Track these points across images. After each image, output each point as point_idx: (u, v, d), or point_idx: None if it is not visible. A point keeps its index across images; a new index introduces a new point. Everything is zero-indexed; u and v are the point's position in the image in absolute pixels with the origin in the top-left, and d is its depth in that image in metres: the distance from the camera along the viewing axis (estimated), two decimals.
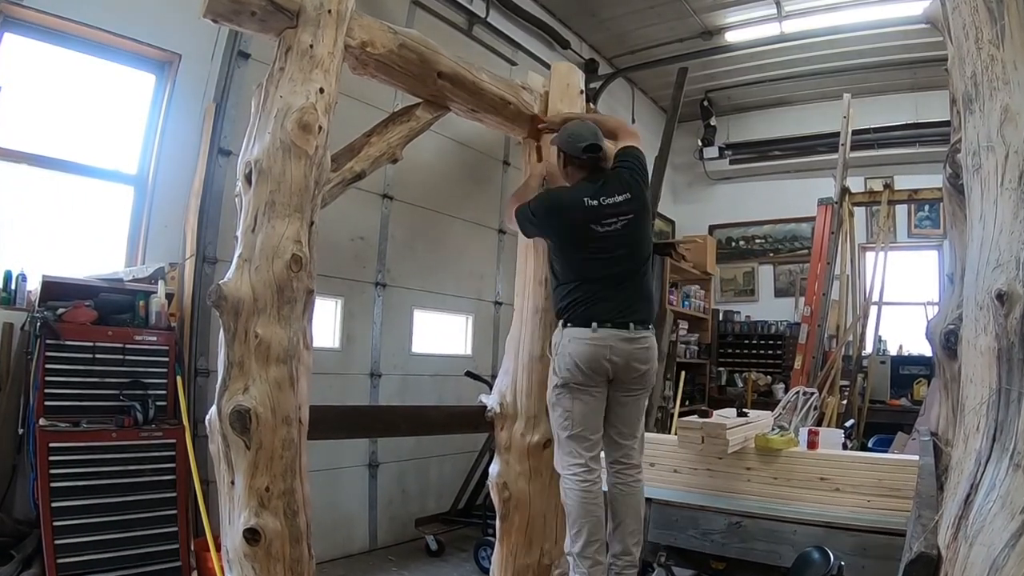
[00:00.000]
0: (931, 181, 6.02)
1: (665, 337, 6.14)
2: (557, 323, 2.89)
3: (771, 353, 8.17)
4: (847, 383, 6.27)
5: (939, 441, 1.93)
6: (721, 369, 8.33)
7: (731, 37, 7.01)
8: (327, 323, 4.73)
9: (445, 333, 5.78)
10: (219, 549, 2.55)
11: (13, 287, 3.36)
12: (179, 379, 3.51)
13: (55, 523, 3.02)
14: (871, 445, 5.55)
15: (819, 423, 4.60)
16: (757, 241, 8.91)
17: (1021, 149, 1.26)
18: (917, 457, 2.41)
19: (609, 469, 2.91)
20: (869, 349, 6.74)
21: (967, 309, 1.38)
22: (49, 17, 3.52)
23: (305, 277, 2.24)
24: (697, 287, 8.06)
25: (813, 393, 3.98)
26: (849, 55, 7.20)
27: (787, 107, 8.57)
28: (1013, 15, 1.34)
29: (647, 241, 3.01)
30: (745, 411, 3.72)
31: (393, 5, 5.10)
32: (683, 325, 7.57)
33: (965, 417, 1.34)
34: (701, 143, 8.73)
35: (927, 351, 6.11)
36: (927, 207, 7.63)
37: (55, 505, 3.04)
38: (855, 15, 6.39)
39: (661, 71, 7.48)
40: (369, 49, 2.57)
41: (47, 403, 3.14)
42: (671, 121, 6.85)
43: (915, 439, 4.41)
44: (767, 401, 7.02)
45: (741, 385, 8.01)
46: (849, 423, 5.20)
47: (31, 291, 3.38)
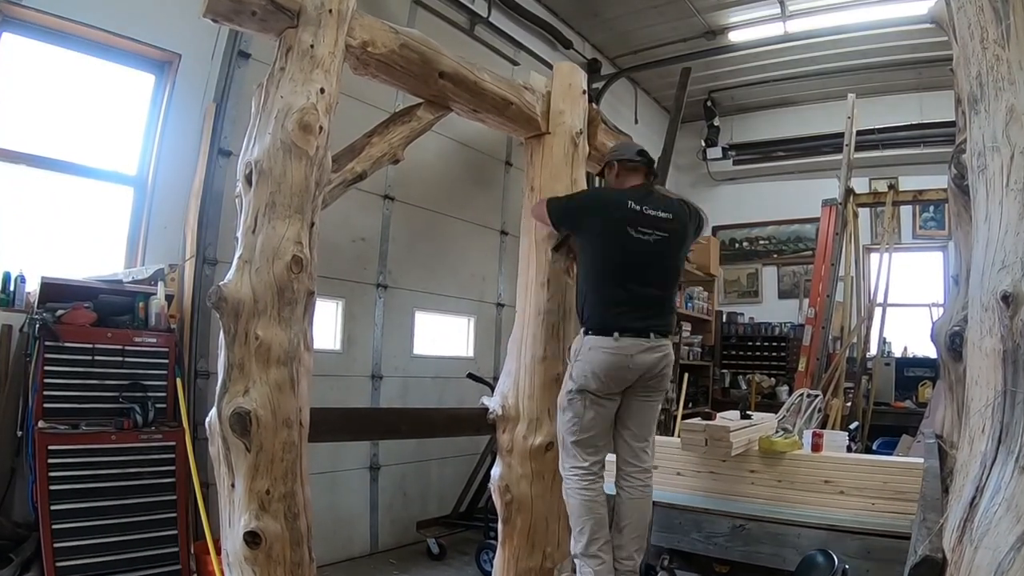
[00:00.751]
0: (936, 182, 5.99)
1: None
2: (578, 328, 2.89)
3: (775, 355, 8.13)
4: (851, 385, 6.23)
5: (944, 444, 1.91)
6: (724, 371, 8.31)
7: (734, 37, 6.99)
8: (328, 325, 4.71)
9: (447, 335, 5.76)
10: (219, 552, 2.55)
11: (12, 288, 3.34)
12: (179, 381, 3.50)
13: (54, 526, 3.00)
14: (875, 448, 5.54)
15: (823, 425, 4.57)
16: (761, 242, 8.87)
17: None
18: (922, 460, 2.39)
19: (618, 472, 2.90)
20: (873, 351, 6.71)
21: (972, 311, 1.37)
22: (49, 17, 3.51)
23: (306, 278, 2.24)
24: (701, 288, 8.06)
25: (817, 395, 3.96)
26: (853, 55, 7.17)
27: (791, 107, 8.53)
28: (1018, 15, 1.33)
29: (676, 269, 2.99)
30: (749, 413, 3.69)
31: (394, 5, 5.08)
32: (687, 327, 7.55)
33: (970, 419, 1.33)
34: (704, 144, 8.71)
35: (932, 353, 6.07)
36: (932, 208, 7.58)
37: (54, 508, 3.02)
38: (859, 15, 6.36)
39: (664, 71, 7.45)
40: (370, 49, 2.57)
41: (46, 405, 3.12)
42: (674, 122, 6.82)
43: (920, 441, 4.39)
44: (771, 403, 6.98)
45: (745, 387, 7.99)
46: (853, 425, 5.16)
47: (30, 292, 3.36)
